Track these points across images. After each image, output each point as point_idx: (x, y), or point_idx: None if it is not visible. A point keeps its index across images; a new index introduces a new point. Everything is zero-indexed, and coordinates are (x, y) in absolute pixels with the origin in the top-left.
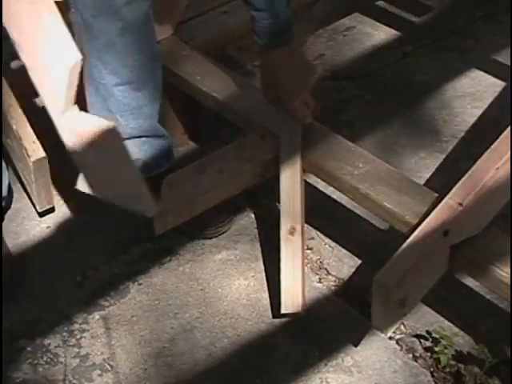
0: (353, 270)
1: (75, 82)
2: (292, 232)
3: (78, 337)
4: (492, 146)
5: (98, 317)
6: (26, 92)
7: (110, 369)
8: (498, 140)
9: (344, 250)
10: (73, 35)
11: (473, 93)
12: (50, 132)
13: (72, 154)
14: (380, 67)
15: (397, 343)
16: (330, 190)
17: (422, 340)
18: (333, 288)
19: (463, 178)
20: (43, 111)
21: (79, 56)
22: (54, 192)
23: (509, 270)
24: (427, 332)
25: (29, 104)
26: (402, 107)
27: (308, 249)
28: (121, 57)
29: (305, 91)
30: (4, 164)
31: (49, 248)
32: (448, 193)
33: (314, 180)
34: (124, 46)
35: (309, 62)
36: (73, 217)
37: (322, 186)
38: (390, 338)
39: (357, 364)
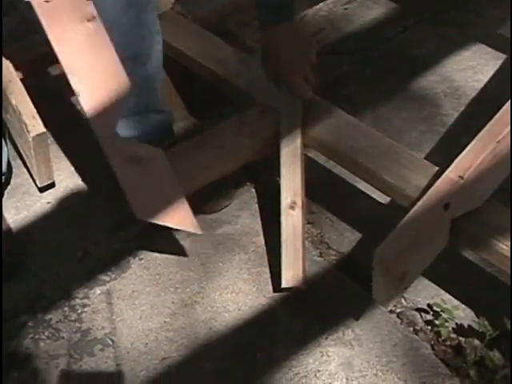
0: (353, 243)
1: None
2: (292, 206)
3: (79, 312)
4: (492, 120)
5: (99, 292)
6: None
7: (111, 343)
8: (499, 113)
9: (345, 224)
10: None
11: (473, 66)
12: (50, 107)
13: (120, 177)
14: (380, 41)
15: (397, 317)
16: (330, 164)
17: (422, 313)
18: (333, 262)
19: (464, 152)
20: (43, 86)
21: None
22: (54, 167)
23: (509, 243)
24: (428, 305)
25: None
26: (402, 81)
27: (308, 223)
28: (125, 32)
29: (305, 66)
30: (3, 140)
31: (49, 224)
32: (448, 166)
33: (314, 154)
34: (128, 22)
35: (309, 37)
36: (73, 192)
37: (322, 160)
38: (391, 311)
39: (357, 337)
